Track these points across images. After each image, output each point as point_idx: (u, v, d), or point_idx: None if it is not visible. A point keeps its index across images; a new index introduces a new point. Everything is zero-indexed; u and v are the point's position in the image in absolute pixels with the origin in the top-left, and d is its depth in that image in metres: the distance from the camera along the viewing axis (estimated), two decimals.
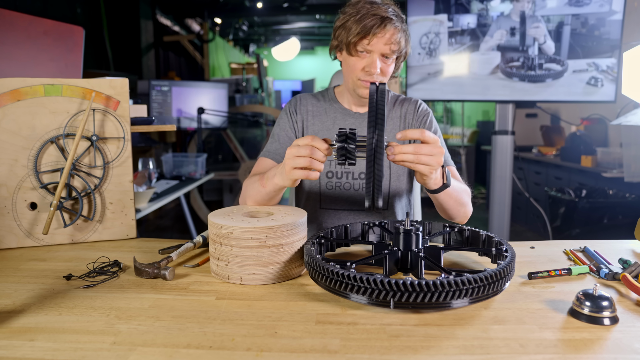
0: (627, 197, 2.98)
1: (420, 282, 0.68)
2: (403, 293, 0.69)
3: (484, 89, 2.59)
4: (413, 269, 0.88)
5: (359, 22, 1.10)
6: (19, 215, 1.11)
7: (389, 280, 0.69)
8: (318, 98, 1.32)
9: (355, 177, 1.25)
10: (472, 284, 0.70)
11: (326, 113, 1.29)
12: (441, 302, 0.70)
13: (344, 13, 1.16)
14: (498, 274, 0.74)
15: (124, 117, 1.18)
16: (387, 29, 1.11)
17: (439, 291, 0.69)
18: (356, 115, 1.28)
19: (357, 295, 0.72)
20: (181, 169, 2.96)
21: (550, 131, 4.35)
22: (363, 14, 1.10)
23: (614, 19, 2.40)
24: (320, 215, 1.29)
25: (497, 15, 2.52)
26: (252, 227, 0.85)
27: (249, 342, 0.65)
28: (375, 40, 1.11)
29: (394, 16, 1.12)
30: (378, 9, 1.11)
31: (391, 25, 1.11)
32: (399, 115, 1.28)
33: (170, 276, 0.89)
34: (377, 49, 1.12)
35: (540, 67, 2.50)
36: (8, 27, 1.34)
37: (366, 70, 1.14)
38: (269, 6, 7.00)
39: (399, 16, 1.14)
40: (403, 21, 1.16)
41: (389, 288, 0.69)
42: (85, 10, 4.34)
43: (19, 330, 0.69)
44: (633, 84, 2.27)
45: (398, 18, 1.14)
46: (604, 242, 1.12)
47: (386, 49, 1.12)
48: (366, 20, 1.10)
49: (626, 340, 0.66)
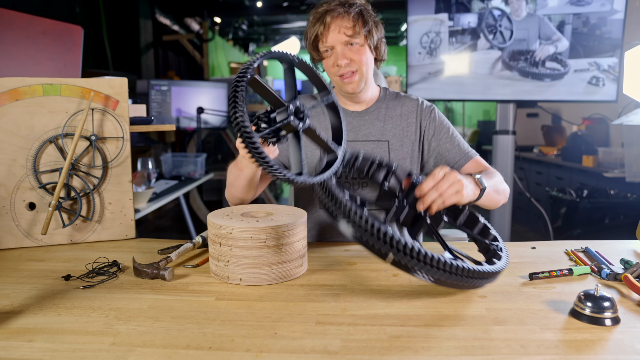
0: (629, 197, 2.98)
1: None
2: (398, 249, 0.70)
3: (485, 88, 2.59)
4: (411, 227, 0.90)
5: (311, 26, 1.15)
6: (18, 215, 1.11)
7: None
8: (316, 98, 1.32)
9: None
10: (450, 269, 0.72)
11: (324, 114, 1.28)
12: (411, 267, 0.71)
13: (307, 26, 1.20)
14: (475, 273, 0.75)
15: (123, 117, 1.17)
16: (334, 19, 1.12)
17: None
18: (354, 114, 1.27)
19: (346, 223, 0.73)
20: (180, 169, 2.96)
21: (552, 131, 4.34)
22: (311, 20, 1.15)
23: (615, 18, 2.39)
24: (321, 215, 1.28)
25: (498, 15, 2.52)
26: (251, 227, 0.85)
27: (248, 343, 0.65)
28: (328, 34, 1.13)
29: (339, 5, 1.13)
30: (319, 7, 1.14)
31: (336, 13, 1.12)
32: (399, 114, 1.27)
33: (170, 277, 0.89)
34: (336, 41, 1.13)
35: (543, 65, 2.49)
36: (7, 26, 1.34)
37: (336, 64, 1.15)
38: (268, 5, 7.00)
39: (346, 3, 1.14)
40: (354, 5, 1.15)
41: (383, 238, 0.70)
42: (84, 9, 4.33)
43: (18, 331, 0.69)
44: (634, 83, 2.27)
45: (345, 5, 1.14)
46: (605, 243, 1.12)
47: (342, 37, 1.13)
48: (312, 23, 1.15)
49: (628, 341, 0.65)
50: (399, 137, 1.24)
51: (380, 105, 1.27)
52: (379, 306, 0.77)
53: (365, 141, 1.24)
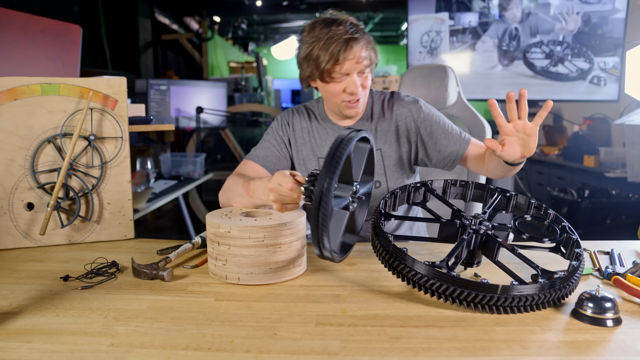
0: (631, 197, 2.97)
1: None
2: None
3: (486, 87, 2.59)
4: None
5: (324, 50, 1.08)
6: (16, 215, 1.11)
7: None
8: (308, 115, 1.29)
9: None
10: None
11: (318, 132, 1.26)
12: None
13: (304, 42, 1.13)
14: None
15: (122, 117, 1.17)
16: (355, 49, 1.08)
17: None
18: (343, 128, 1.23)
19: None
20: (179, 169, 2.95)
21: (553, 131, 4.33)
22: (325, 41, 1.08)
23: (617, 17, 2.39)
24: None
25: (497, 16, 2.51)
26: (249, 226, 0.84)
27: (248, 344, 0.64)
28: (347, 63, 1.09)
29: (355, 32, 1.09)
30: (337, 30, 1.08)
31: (357, 44, 1.08)
32: (389, 118, 1.22)
33: (169, 277, 0.88)
34: (352, 70, 1.10)
35: (562, 62, 2.46)
36: (5, 25, 1.33)
37: (348, 91, 1.12)
38: (268, 4, 7.00)
39: (359, 29, 1.11)
40: (364, 32, 1.13)
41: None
42: (82, 8, 4.33)
43: (16, 331, 0.68)
44: (636, 82, 2.26)
45: (360, 32, 1.11)
46: (607, 243, 1.11)
47: (360, 67, 1.10)
48: (331, 47, 1.07)
49: (629, 342, 0.65)
50: (390, 143, 1.22)
51: (369, 113, 1.24)
52: (379, 307, 0.77)
53: None
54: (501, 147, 0.97)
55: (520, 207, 1.02)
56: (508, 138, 0.97)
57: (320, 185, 0.72)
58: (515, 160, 1.00)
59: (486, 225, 0.89)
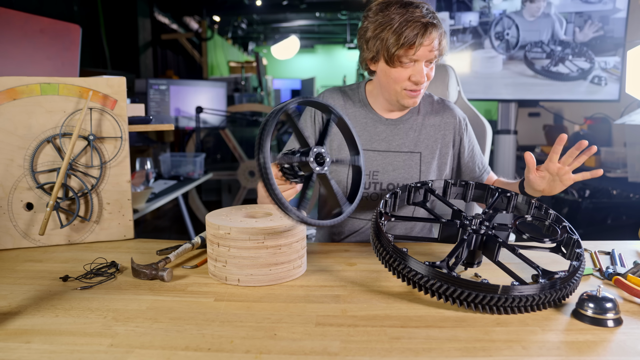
0: (631, 197, 2.97)
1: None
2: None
3: (487, 87, 2.58)
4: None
5: (398, 32, 1.01)
6: (15, 215, 1.10)
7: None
8: (348, 98, 1.23)
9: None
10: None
11: (355, 118, 1.20)
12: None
13: (372, 22, 1.06)
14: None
15: (122, 117, 1.17)
16: (432, 35, 1.03)
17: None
18: (388, 122, 1.19)
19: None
20: (179, 169, 2.95)
21: (554, 130, 4.32)
22: (401, 22, 1.01)
23: (617, 16, 2.39)
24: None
25: (498, 13, 2.51)
26: (249, 227, 0.84)
27: (247, 345, 0.64)
28: (421, 49, 1.03)
29: (433, 18, 1.04)
30: (414, 13, 1.02)
31: (435, 30, 1.03)
32: (436, 124, 1.21)
33: (168, 277, 0.88)
34: (423, 57, 1.05)
35: (562, 62, 2.46)
36: (4, 25, 1.33)
37: (413, 80, 1.07)
38: (268, 4, 6.99)
39: (435, 15, 1.06)
40: (438, 20, 1.07)
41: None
42: (82, 8, 4.33)
43: (15, 332, 0.68)
44: (637, 82, 2.26)
45: (436, 18, 1.05)
46: (608, 243, 1.11)
47: (431, 55, 1.05)
48: (407, 30, 1.00)
49: (630, 342, 0.65)
50: (431, 148, 1.19)
51: (417, 114, 1.21)
52: (379, 307, 0.76)
53: (397, 152, 1.18)
54: (535, 171, 0.99)
55: (521, 207, 1.02)
56: (546, 172, 0.98)
57: (257, 158, 0.75)
58: (534, 192, 1.02)
59: (486, 226, 0.88)
